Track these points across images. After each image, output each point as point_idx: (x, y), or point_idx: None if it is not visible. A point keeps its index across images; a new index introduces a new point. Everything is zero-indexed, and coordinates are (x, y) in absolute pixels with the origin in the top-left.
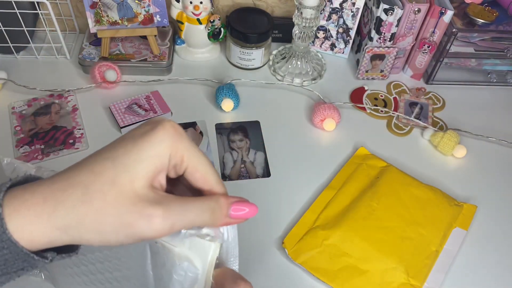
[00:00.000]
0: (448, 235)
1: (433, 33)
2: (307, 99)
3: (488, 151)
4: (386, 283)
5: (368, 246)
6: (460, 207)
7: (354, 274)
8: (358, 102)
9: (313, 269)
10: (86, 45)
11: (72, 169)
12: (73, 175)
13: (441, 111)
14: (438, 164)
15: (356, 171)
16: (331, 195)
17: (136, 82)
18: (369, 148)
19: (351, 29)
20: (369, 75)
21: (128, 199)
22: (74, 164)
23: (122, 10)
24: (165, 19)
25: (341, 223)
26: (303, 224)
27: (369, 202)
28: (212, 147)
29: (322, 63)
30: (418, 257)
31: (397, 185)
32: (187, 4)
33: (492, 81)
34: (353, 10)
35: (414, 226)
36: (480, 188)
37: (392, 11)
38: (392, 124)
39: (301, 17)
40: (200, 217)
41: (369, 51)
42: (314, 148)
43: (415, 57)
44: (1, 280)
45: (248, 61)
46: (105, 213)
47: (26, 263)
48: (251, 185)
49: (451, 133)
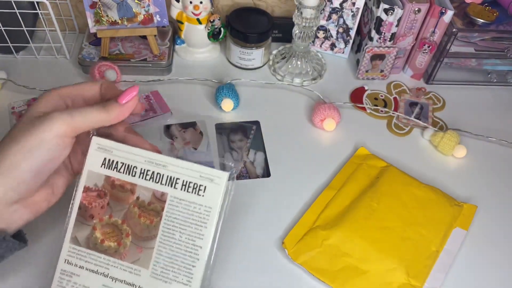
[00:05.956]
0: (449, 235)
1: (433, 33)
2: (307, 99)
3: (489, 151)
4: (387, 283)
5: (368, 246)
6: (460, 207)
7: (354, 275)
8: (358, 102)
9: (313, 270)
10: (86, 45)
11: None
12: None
13: (441, 111)
14: (438, 164)
15: (356, 171)
16: (331, 195)
17: (135, 82)
18: (369, 148)
19: (351, 29)
20: (369, 75)
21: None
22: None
23: (122, 10)
24: (165, 19)
25: (341, 223)
26: (303, 224)
27: (369, 202)
28: (212, 147)
29: (322, 63)
30: (418, 257)
31: (397, 185)
32: (187, 4)
33: (492, 81)
34: (353, 10)
35: (414, 226)
36: (481, 188)
37: (392, 11)
38: (392, 124)
39: (301, 17)
40: (96, 114)
41: (369, 51)
42: (314, 148)
43: (415, 57)
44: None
45: (248, 61)
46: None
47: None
48: (251, 185)
49: (451, 133)
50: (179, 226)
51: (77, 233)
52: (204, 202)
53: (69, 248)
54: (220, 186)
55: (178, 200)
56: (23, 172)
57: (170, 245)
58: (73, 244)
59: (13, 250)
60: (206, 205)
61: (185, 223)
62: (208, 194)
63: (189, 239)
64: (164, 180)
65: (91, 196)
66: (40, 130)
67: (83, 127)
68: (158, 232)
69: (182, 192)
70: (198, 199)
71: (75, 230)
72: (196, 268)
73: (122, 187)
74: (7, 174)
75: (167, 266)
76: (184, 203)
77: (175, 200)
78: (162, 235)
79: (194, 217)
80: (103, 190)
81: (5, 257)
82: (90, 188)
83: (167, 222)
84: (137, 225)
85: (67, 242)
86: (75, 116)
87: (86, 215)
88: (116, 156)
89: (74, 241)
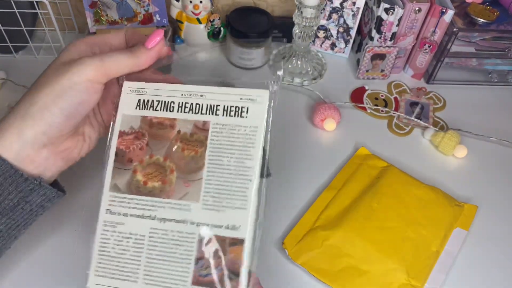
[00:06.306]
0: (449, 236)
1: (434, 33)
2: (307, 99)
3: (489, 151)
4: (387, 283)
5: (368, 246)
6: (461, 207)
7: (354, 275)
8: (358, 102)
9: (313, 270)
10: None
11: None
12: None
13: (442, 111)
14: (439, 164)
15: (356, 171)
16: (331, 196)
17: None
18: (370, 148)
19: (352, 29)
20: (370, 74)
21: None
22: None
23: (122, 10)
24: (164, 19)
25: (341, 223)
26: (303, 225)
27: (370, 202)
28: None
29: (323, 63)
30: (418, 258)
31: (398, 185)
32: (186, 4)
33: (493, 81)
34: (354, 9)
35: (415, 226)
36: (481, 188)
37: (393, 11)
38: (393, 124)
39: (301, 16)
40: (126, 59)
41: (370, 51)
42: (314, 148)
43: (415, 57)
44: (14, 218)
45: (248, 60)
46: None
47: (20, 192)
48: None
49: (452, 133)
50: (225, 150)
51: (116, 180)
52: (249, 123)
53: (110, 197)
54: (263, 104)
55: (221, 126)
56: (53, 115)
57: (219, 171)
58: (113, 192)
59: (52, 199)
60: (251, 125)
61: (231, 146)
62: (252, 114)
63: (238, 161)
64: (204, 109)
65: (127, 140)
66: (70, 73)
67: (113, 72)
68: (204, 161)
69: (224, 117)
70: (242, 121)
71: (114, 177)
72: (250, 191)
73: (161, 124)
74: (38, 117)
75: (219, 193)
76: (228, 128)
77: (218, 126)
78: (209, 163)
79: (240, 139)
80: (140, 131)
81: (45, 207)
82: (125, 132)
83: (213, 150)
84: (181, 159)
85: (107, 191)
86: (106, 61)
87: (124, 160)
88: (150, 96)
89: (114, 189)
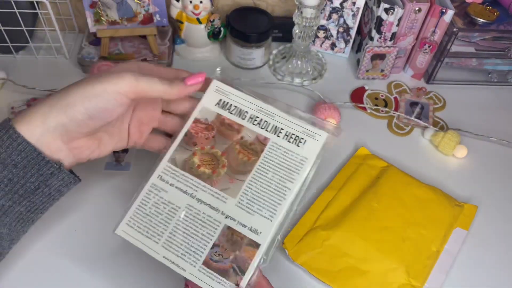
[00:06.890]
0: (449, 235)
1: (434, 33)
2: (308, 99)
3: (489, 151)
4: (387, 283)
5: (368, 246)
6: (461, 207)
7: (354, 275)
8: (358, 102)
9: (313, 270)
10: (86, 45)
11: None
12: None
13: (441, 111)
14: (439, 164)
15: (356, 171)
16: (331, 196)
17: None
18: (370, 148)
19: (352, 29)
20: (370, 74)
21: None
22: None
23: (122, 10)
24: (164, 19)
25: (341, 223)
26: (303, 225)
27: (370, 202)
28: None
29: (323, 63)
30: (418, 258)
31: (398, 185)
32: (186, 4)
33: (493, 81)
34: (354, 9)
35: (415, 226)
36: (481, 188)
37: (393, 11)
38: (393, 124)
39: (301, 16)
40: (160, 86)
41: (370, 51)
42: None
43: (415, 57)
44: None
45: (248, 60)
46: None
47: (41, 175)
48: None
49: (452, 133)
50: (273, 167)
51: (176, 155)
52: (302, 153)
53: (166, 166)
54: (320, 142)
55: (278, 146)
56: (77, 112)
57: (261, 181)
58: (170, 164)
59: (68, 185)
60: (303, 155)
61: (280, 166)
62: (307, 147)
63: (280, 180)
64: (269, 127)
65: (199, 127)
66: (106, 81)
67: (143, 92)
68: (253, 168)
69: (284, 140)
70: (297, 149)
71: (176, 152)
72: (281, 206)
73: (230, 126)
74: (63, 110)
75: (254, 199)
76: (283, 150)
77: (275, 145)
78: (256, 172)
79: (289, 163)
80: (211, 125)
81: (62, 192)
82: (200, 121)
83: (263, 162)
84: (234, 160)
85: (165, 161)
86: (141, 80)
87: (190, 141)
88: (231, 100)
89: (172, 161)
